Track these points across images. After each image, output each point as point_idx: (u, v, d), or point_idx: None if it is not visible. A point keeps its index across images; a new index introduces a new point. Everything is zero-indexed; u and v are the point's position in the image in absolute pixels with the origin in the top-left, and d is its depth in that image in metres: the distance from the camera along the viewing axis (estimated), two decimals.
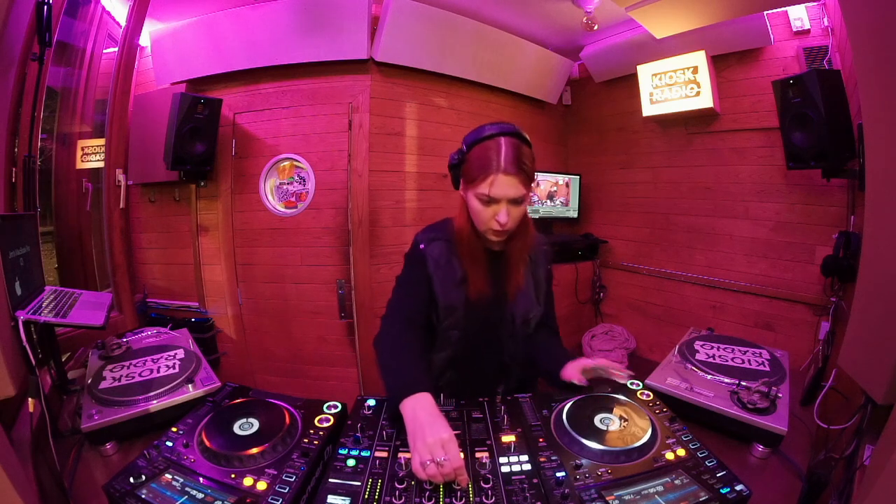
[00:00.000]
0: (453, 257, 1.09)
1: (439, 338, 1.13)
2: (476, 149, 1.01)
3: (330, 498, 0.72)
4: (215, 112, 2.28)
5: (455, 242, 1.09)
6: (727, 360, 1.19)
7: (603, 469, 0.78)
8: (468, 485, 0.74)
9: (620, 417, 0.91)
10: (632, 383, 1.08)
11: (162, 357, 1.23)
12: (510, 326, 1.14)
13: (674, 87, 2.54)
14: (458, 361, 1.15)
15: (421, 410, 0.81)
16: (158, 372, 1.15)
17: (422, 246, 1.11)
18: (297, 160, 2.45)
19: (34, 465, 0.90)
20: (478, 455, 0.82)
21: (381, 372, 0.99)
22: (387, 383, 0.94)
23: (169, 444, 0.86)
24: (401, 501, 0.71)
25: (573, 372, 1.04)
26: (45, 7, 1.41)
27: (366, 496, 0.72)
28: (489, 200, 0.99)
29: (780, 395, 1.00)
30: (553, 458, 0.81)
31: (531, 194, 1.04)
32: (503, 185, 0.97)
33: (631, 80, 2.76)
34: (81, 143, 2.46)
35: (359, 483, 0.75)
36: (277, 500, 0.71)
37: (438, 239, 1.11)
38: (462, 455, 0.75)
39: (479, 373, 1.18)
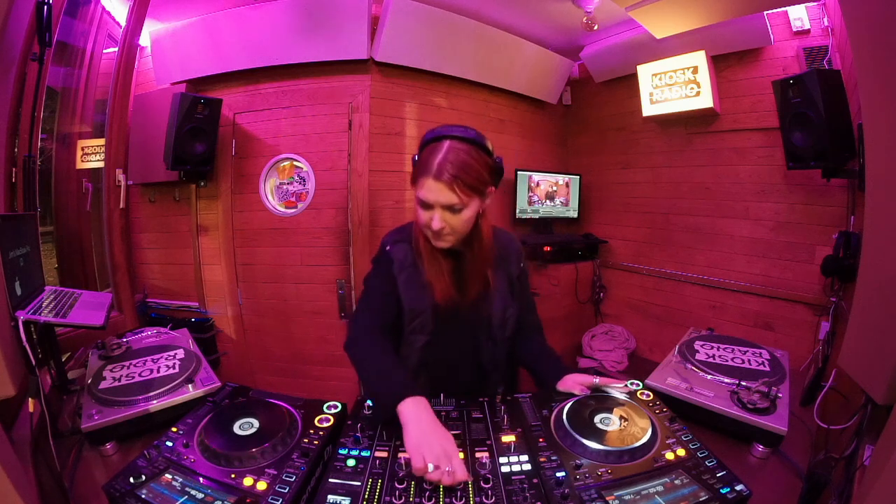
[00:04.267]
0: (417, 259, 1.07)
1: (403, 344, 1.10)
2: (424, 150, 0.99)
3: (330, 498, 0.72)
4: (215, 112, 2.28)
5: (415, 245, 1.08)
6: (727, 360, 1.19)
7: (603, 469, 0.78)
8: (468, 483, 0.74)
9: (620, 417, 0.91)
10: (632, 383, 1.08)
11: (162, 357, 1.23)
12: (487, 329, 1.11)
13: (674, 87, 2.54)
14: (429, 370, 1.11)
15: (424, 413, 0.82)
16: (158, 372, 1.15)
17: (388, 248, 1.10)
18: (297, 160, 2.45)
19: (34, 465, 0.90)
20: (478, 455, 0.82)
21: (362, 376, 0.98)
22: (374, 387, 0.94)
23: (169, 444, 0.86)
24: (401, 501, 0.71)
25: (573, 384, 1.03)
26: (45, 7, 1.41)
27: (366, 496, 0.72)
28: (424, 204, 0.97)
29: (780, 395, 0.99)
30: (553, 458, 0.81)
31: (477, 201, 0.99)
32: (432, 189, 0.93)
33: (631, 80, 2.76)
34: (81, 143, 2.46)
35: (359, 483, 0.75)
36: (277, 500, 0.71)
37: (403, 241, 1.10)
38: (463, 457, 0.75)
39: (455, 380, 1.12)
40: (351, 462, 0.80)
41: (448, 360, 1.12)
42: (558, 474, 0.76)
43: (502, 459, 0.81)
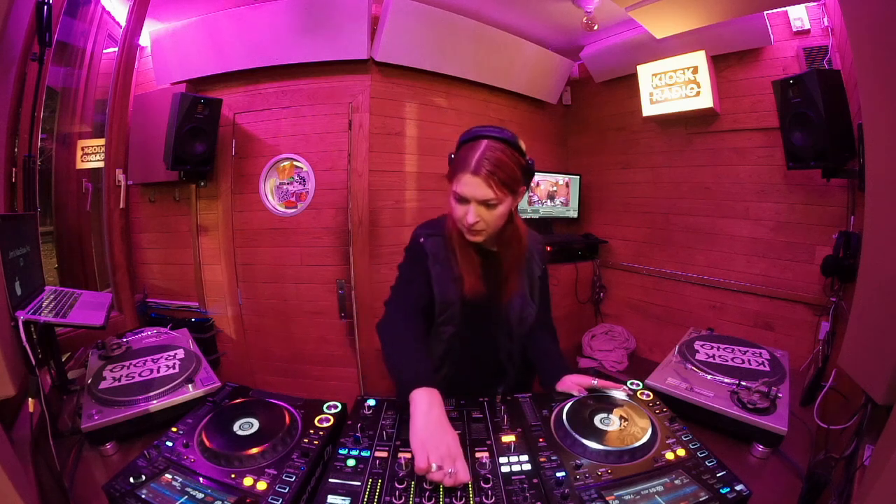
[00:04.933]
0: (450, 254, 1.11)
1: (434, 334, 1.13)
2: (462, 148, 1.04)
3: (330, 498, 0.72)
4: (215, 112, 2.28)
5: (448, 239, 1.11)
6: (727, 360, 1.19)
7: (603, 469, 0.78)
8: (468, 484, 0.74)
9: (620, 417, 0.91)
10: (632, 383, 1.08)
11: (162, 357, 1.23)
12: (506, 326, 1.15)
13: (674, 87, 2.54)
14: (454, 359, 1.15)
15: (434, 408, 0.83)
16: (158, 372, 1.15)
17: (421, 240, 1.13)
18: (297, 160, 2.45)
19: (34, 465, 0.90)
20: (478, 455, 0.82)
21: (386, 357, 1.00)
22: (396, 370, 0.95)
23: (169, 444, 0.86)
24: (401, 501, 0.71)
25: (572, 385, 1.05)
26: (45, 7, 1.41)
27: (366, 496, 0.72)
28: (460, 199, 1.01)
29: (780, 395, 1.00)
30: (553, 458, 0.81)
31: (511, 199, 1.03)
32: (470, 185, 0.98)
33: (631, 80, 2.76)
34: (81, 143, 2.46)
35: (359, 483, 0.75)
36: (277, 500, 0.71)
37: (436, 235, 1.13)
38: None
39: (476, 371, 1.18)
40: (351, 462, 0.80)
41: (471, 353, 1.16)
42: (558, 474, 0.76)
43: (502, 459, 0.81)
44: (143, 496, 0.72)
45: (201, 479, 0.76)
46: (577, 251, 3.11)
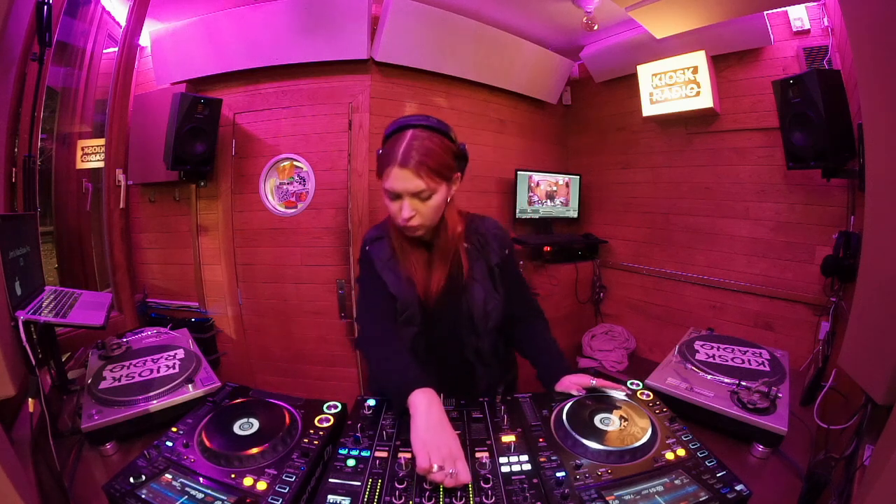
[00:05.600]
0: (395, 255, 1.09)
1: (399, 336, 1.10)
2: (388, 141, 1.00)
3: (330, 498, 0.72)
4: (215, 112, 2.28)
5: (391, 239, 1.09)
6: (727, 360, 1.19)
7: (603, 469, 0.78)
8: (469, 484, 0.74)
9: (620, 417, 0.91)
10: (632, 383, 1.08)
11: (162, 357, 1.23)
12: (468, 321, 1.10)
13: (674, 87, 2.54)
14: (420, 360, 1.09)
15: (434, 407, 0.83)
16: (158, 372, 1.15)
17: (367, 248, 1.12)
18: (297, 160, 2.45)
19: (34, 465, 0.90)
20: (478, 455, 0.82)
21: (375, 370, 0.99)
22: (388, 380, 0.94)
23: (169, 444, 0.86)
24: (401, 501, 0.71)
25: (571, 385, 1.03)
26: (45, 7, 1.41)
27: (366, 496, 0.72)
28: (392, 195, 0.98)
29: (780, 395, 0.99)
30: (553, 458, 0.81)
31: (444, 187, 0.99)
32: (398, 178, 0.94)
33: (631, 80, 2.76)
34: (81, 143, 2.46)
35: (359, 483, 0.75)
36: (277, 500, 0.71)
37: (381, 237, 1.11)
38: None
39: (443, 372, 1.10)
40: (351, 462, 0.80)
41: (436, 353, 1.11)
42: (558, 474, 0.76)
43: (502, 459, 0.81)
44: (143, 496, 0.72)
45: (201, 479, 0.76)
46: (577, 251, 3.11)
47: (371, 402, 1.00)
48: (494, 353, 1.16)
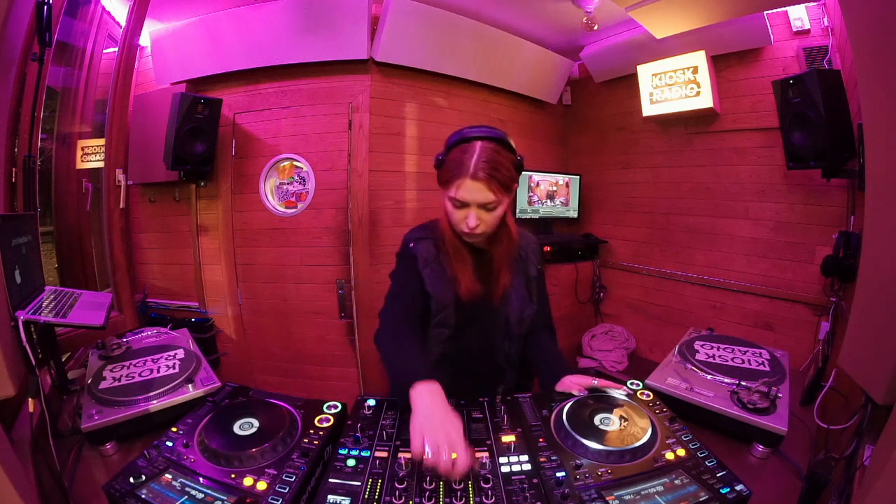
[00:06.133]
0: (441, 255, 1.11)
1: (429, 337, 1.13)
2: (453, 151, 1.02)
3: (330, 498, 0.72)
4: (215, 112, 2.28)
5: (441, 242, 1.11)
6: (727, 360, 1.19)
7: (603, 469, 0.78)
8: (468, 481, 0.74)
9: (620, 417, 0.91)
10: (632, 383, 1.08)
11: (162, 357, 1.23)
12: (504, 326, 1.15)
13: (674, 87, 2.54)
14: (450, 362, 1.14)
15: (435, 397, 0.82)
16: (158, 372, 1.15)
17: (411, 245, 1.13)
18: (297, 160, 2.45)
19: (34, 465, 0.90)
20: (478, 455, 0.82)
21: (385, 363, 1.01)
22: (394, 372, 0.97)
23: (169, 444, 0.86)
24: (401, 501, 0.71)
25: (572, 385, 1.04)
26: (45, 7, 1.41)
27: (366, 496, 0.72)
28: (459, 204, 1.00)
29: (780, 395, 1.00)
30: (553, 458, 0.81)
31: (507, 198, 1.03)
32: (470, 189, 0.97)
33: (631, 80, 2.76)
34: (81, 143, 2.46)
35: (359, 483, 0.75)
36: (277, 500, 0.71)
37: (426, 238, 1.14)
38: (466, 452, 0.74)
39: (473, 374, 1.17)
40: (351, 462, 0.80)
41: (468, 354, 1.15)
42: (558, 474, 0.76)
43: (502, 459, 0.81)
44: (143, 496, 0.72)
45: (201, 479, 0.76)
46: (577, 251, 3.11)
47: (371, 401, 1.00)
48: (521, 358, 1.20)
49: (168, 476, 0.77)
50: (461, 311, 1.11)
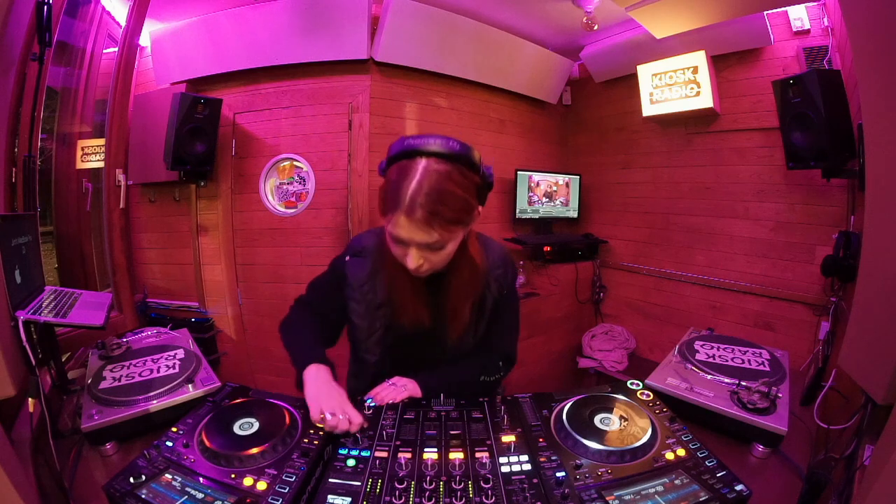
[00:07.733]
0: (376, 279, 0.98)
1: (355, 360, 1.10)
2: (391, 169, 0.81)
3: (330, 498, 0.72)
4: (215, 112, 2.28)
5: (383, 258, 0.94)
6: (727, 360, 1.19)
7: (603, 469, 0.78)
8: (468, 482, 0.74)
9: (620, 417, 0.91)
10: (632, 383, 1.08)
11: (162, 357, 1.23)
12: (441, 350, 1.04)
13: (674, 87, 2.54)
14: (385, 375, 1.05)
15: (323, 374, 0.93)
16: (158, 372, 1.15)
17: (347, 259, 1.04)
18: (297, 160, 2.45)
19: (34, 465, 0.90)
20: (478, 455, 0.82)
21: (286, 347, 1.05)
22: (292, 354, 1.01)
23: (169, 444, 0.85)
24: (401, 501, 0.71)
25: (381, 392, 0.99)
26: (45, 7, 1.41)
27: (366, 496, 0.72)
28: (397, 240, 0.81)
29: (780, 395, 0.99)
30: (553, 458, 0.81)
31: (460, 232, 0.83)
32: (407, 228, 0.76)
33: (631, 80, 2.76)
34: (81, 143, 2.46)
35: (359, 483, 0.75)
36: (277, 500, 0.71)
37: (366, 255, 1.00)
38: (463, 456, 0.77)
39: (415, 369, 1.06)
40: (351, 462, 0.80)
41: (401, 372, 1.05)
42: (558, 474, 0.76)
43: (502, 459, 0.81)
44: (143, 496, 0.72)
45: (201, 479, 0.76)
46: (577, 251, 3.11)
47: (371, 402, 1.00)
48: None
49: (168, 476, 0.77)
50: (390, 338, 1.01)
